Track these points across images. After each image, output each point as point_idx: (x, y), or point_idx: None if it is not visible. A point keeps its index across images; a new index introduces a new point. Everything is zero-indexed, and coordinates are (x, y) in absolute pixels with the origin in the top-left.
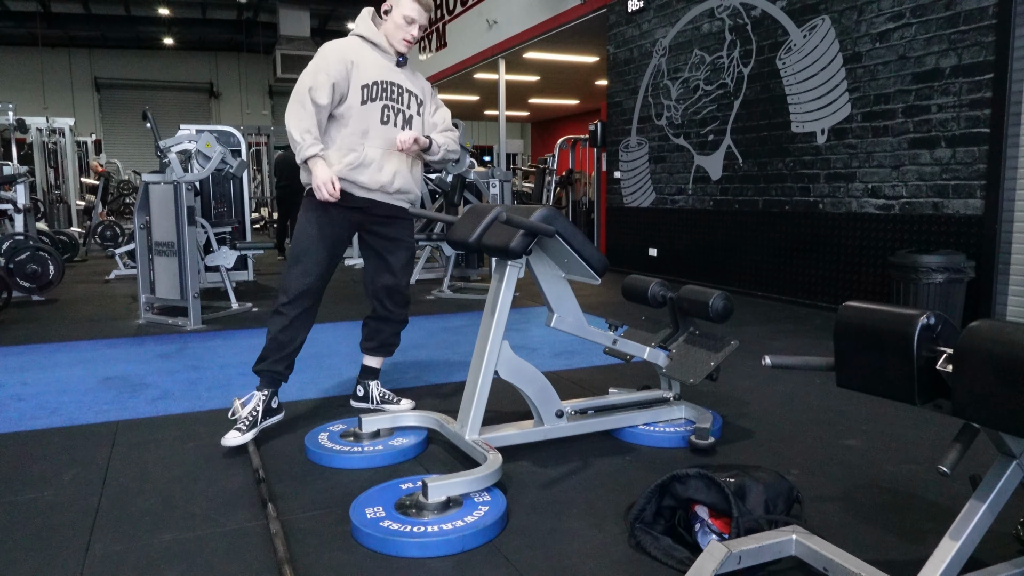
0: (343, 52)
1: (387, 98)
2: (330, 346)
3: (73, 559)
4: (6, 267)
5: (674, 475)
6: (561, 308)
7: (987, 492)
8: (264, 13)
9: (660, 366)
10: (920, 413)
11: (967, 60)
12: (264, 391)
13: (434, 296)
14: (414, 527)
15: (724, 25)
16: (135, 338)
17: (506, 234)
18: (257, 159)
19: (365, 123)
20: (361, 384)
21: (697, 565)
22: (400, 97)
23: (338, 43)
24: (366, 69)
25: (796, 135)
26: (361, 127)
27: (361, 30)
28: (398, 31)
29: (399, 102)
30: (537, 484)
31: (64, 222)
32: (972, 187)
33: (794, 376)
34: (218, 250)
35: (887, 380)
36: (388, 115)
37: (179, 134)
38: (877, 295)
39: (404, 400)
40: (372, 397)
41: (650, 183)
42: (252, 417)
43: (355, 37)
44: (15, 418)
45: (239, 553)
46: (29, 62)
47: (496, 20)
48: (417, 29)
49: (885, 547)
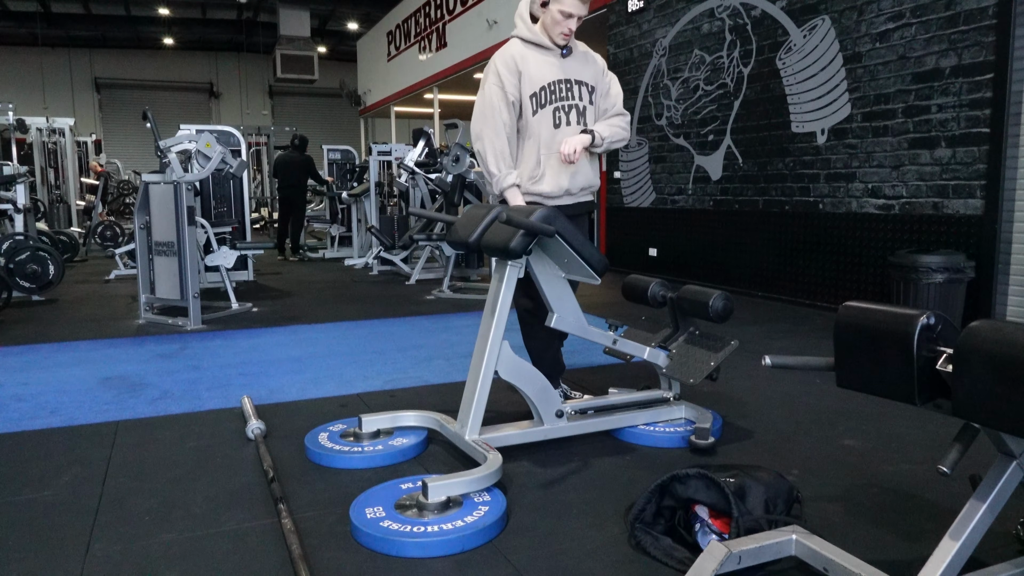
0: (511, 63)
1: (556, 99)
2: (330, 346)
3: (73, 559)
4: (6, 267)
5: (674, 475)
6: (561, 308)
7: (987, 492)
8: (264, 13)
9: (660, 366)
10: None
11: (967, 60)
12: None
13: (434, 296)
14: (414, 527)
15: (724, 25)
16: (135, 338)
17: (506, 234)
18: (257, 159)
19: (541, 132)
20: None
21: (697, 565)
22: (570, 92)
23: (504, 53)
24: (532, 75)
25: (796, 135)
26: (538, 138)
27: (521, 32)
28: (556, 26)
29: (569, 97)
30: (537, 484)
31: (64, 222)
32: (972, 187)
33: (794, 376)
34: (218, 250)
35: (887, 380)
36: (559, 117)
37: (179, 134)
38: (877, 295)
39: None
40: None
41: (650, 183)
42: None
43: (516, 41)
44: (15, 418)
45: (239, 553)
46: (29, 62)
47: (496, 20)
48: (575, 22)
49: (885, 547)
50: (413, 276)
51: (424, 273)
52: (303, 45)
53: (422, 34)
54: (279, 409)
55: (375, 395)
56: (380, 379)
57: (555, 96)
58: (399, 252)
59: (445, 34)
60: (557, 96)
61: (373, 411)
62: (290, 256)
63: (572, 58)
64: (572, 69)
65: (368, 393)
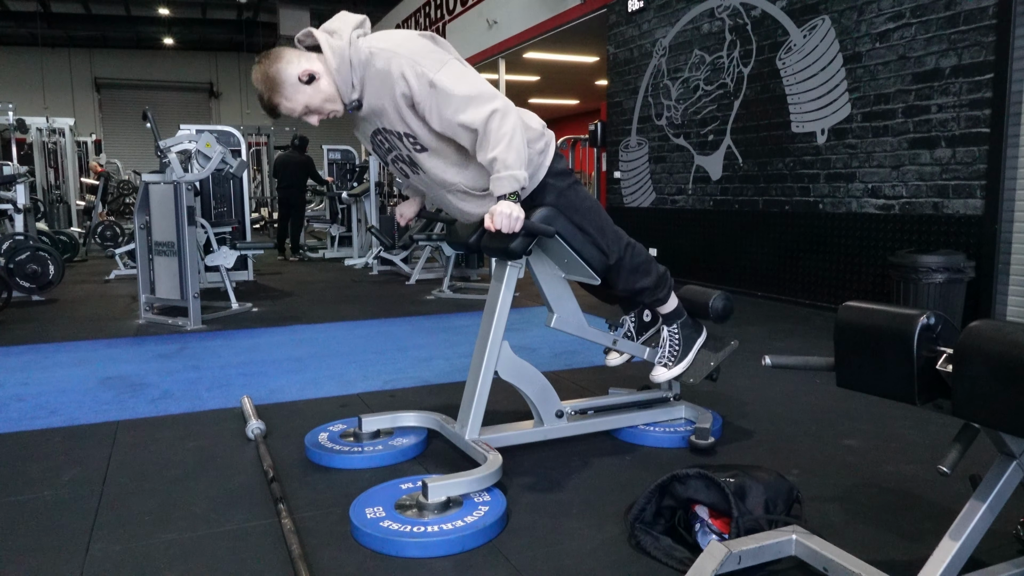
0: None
1: (384, 154)
2: (330, 346)
3: (73, 559)
4: (6, 267)
5: (674, 475)
6: (561, 308)
7: (987, 492)
8: (264, 13)
9: None
10: (920, 413)
11: (967, 60)
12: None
13: (434, 296)
14: (414, 527)
15: (724, 25)
16: (135, 338)
17: (506, 235)
18: (257, 159)
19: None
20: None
21: (697, 565)
22: (389, 143)
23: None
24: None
25: (796, 135)
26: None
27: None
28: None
29: (392, 150)
30: (537, 484)
31: (64, 222)
32: (972, 187)
33: (794, 376)
34: (218, 250)
35: (887, 380)
36: (404, 170)
37: (179, 134)
38: (877, 295)
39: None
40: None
41: (650, 183)
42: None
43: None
44: (15, 418)
45: (239, 553)
46: (29, 62)
47: (496, 20)
48: (315, 118)
49: (885, 547)
50: (413, 276)
51: (424, 273)
52: None
53: None
54: (279, 409)
55: (375, 395)
56: (380, 379)
57: (381, 151)
58: (399, 252)
59: (445, 34)
60: (383, 151)
61: (373, 411)
62: (290, 256)
63: (366, 103)
64: (372, 118)
65: (368, 393)
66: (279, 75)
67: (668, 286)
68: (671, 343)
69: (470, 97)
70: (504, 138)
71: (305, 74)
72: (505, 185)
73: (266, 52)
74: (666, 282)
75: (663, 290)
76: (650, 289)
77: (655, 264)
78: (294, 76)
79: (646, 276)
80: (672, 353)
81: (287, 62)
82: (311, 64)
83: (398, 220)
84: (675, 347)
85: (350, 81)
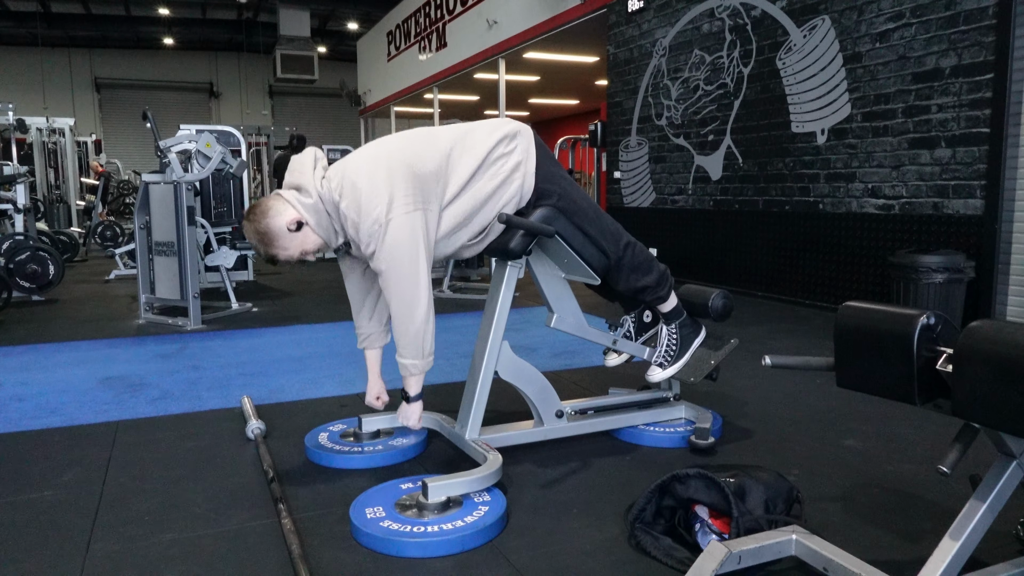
0: None
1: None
2: (330, 346)
3: (73, 559)
4: (6, 267)
5: (674, 475)
6: (561, 308)
7: (987, 492)
8: (264, 13)
9: None
10: (920, 413)
11: (967, 60)
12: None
13: (434, 296)
14: (414, 527)
15: (724, 25)
16: (135, 338)
17: (506, 235)
18: (257, 159)
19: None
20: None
21: (697, 565)
22: None
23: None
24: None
25: (796, 135)
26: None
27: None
28: None
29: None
30: (537, 484)
31: (64, 222)
32: (972, 187)
33: (794, 376)
34: (218, 250)
35: (887, 380)
36: None
37: (179, 134)
38: (877, 295)
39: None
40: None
41: (650, 183)
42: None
43: None
44: (15, 418)
45: (239, 553)
46: (29, 62)
47: (496, 20)
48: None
49: (885, 547)
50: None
51: None
52: (303, 45)
53: (422, 34)
54: (279, 409)
55: None
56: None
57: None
58: None
59: (445, 34)
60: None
61: (373, 411)
62: None
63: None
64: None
65: None
66: (269, 229)
67: (669, 284)
68: (668, 343)
69: (397, 279)
70: (408, 333)
71: (293, 223)
72: (408, 379)
73: (252, 207)
74: (667, 280)
75: (664, 288)
76: (652, 287)
77: (656, 262)
78: (283, 227)
79: (647, 275)
80: (668, 353)
81: (275, 215)
82: (297, 213)
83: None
84: (672, 347)
85: (332, 229)
